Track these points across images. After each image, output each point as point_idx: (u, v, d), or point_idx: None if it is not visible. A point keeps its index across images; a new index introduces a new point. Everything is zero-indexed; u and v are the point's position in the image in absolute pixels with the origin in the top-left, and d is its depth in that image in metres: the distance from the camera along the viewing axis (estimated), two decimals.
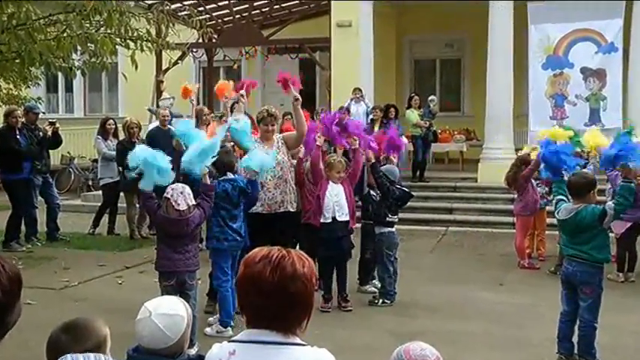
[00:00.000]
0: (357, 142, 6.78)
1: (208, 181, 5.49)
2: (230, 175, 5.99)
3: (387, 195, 6.80)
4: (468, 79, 16.95)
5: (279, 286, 1.88)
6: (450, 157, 15.50)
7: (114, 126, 10.83)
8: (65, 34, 7.36)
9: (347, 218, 6.63)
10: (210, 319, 6.12)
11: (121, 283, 7.68)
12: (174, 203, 5.14)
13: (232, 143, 6.31)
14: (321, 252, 6.70)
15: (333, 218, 6.57)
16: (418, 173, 13.12)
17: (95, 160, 13.34)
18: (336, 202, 6.57)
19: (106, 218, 10.73)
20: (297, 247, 7.88)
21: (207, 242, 5.97)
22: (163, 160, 5.08)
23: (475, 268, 8.48)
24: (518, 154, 8.98)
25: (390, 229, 6.89)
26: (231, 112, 10.77)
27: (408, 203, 7.31)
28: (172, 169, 5.24)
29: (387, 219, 6.85)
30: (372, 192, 7.11)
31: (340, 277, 6.76)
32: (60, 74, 11.47)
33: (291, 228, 6.77)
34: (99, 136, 10.72)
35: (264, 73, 16.88)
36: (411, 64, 17.65)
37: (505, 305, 6.84)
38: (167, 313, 2.37)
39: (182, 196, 5.16)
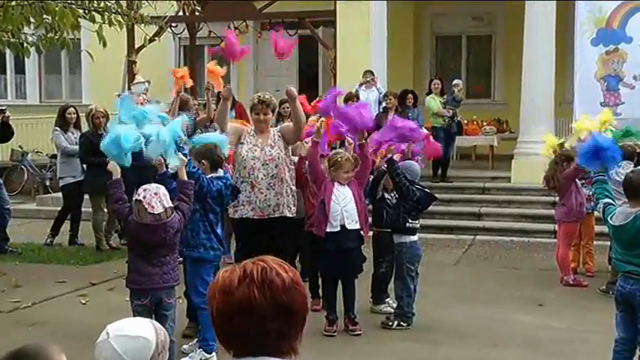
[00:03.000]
0: (364, 136, 6.79)
1: (186, 177, 5.46)
2: (221, 172, 6.03)
3: (405, 197, 6.77)
4: (501, 59, 16.92)
5: (274, 304, 1.87)
6: (478, 152, 15.44)
7: (75, 115, 10.79)
8: (14, 3, 7.31)
9: (358, 226, 6.61)
10: (185, 346, 6.11)
11: (85, 303, 7.66)
12: (147, 206, 5.12)
13: None
14: (325, 266, 6.68)
15: (342, 226, 6.54)
16: (440, 172, 13.08)
17: (53, 156, 13.31)
18: (345, 207, 6.55)
19: (67, 225, 10.71)
20: (298, 258, 7.90)
21: (189, 251, 5.95)
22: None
23: (509, 285, 8.45)
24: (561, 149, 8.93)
25: (412, 237, 6.88)
26: (217, 101, 10.82)
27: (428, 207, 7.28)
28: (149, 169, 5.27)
29: (408, 225, 6.82)
30: (386, 195, 7.08)
31: (347, 295, 6.74)
32: (8, 52, 11.42)
33: (288, 236, 6.75)
34: (57, 128, 10.69)
35: (257, 52, 16.85)
36: (432, 42, 17.61)
37: (546, 330, 6.80)
38: (128, 335, 2.34)
39: (157, 198, 5.14)
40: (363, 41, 13.55)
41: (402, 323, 6.82)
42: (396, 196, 6.88)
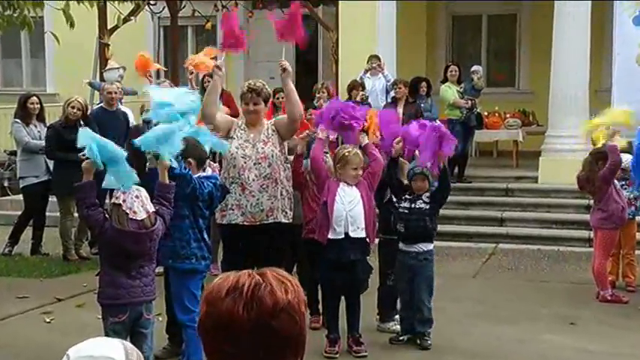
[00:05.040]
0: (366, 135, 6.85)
1: (167, 179, 5.44)
2: (209, 171, 6.05)
3: (443, 201, 6.94)
4: (526, 42, 16.92)
5: (257, 325, 1.86)
6: (501, 148, 15.47)
7: (39, 105, 10.75)
8: None
9: (363, 234, 6.60)
10: None
11: (49, 322, 7.63)
12: (128, 211, 5.11)
13: None
14: (326, 278, 6.67)
15: (346, 234, 6.54)
16: (457, 170, 13.07)
17: (13, 153, 13.28)
18: (350, 211, 6.53)
19: (28, 232, 10.69)
20: (295, 269, 7.90)
21: (179, 263, 5.95)
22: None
23: (536, 301, 8.44)
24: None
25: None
26: (203, 88, 10.81)
27: (442, 211, 7.29)
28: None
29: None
30: (394, 197, 7.07)
31: (351, 312, 6.74)
32: None
33: (283, 245, 6.74)
34: (18, 120, 10.65)
35: (248, 35, 16.82)
36: (447, 23, 17.62)
37: (579, 353, 6.80)
38: (91, 356, 2.32)
39: (138, 202, 5.14)
40: (369, 22, 13.56)
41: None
42: (426, 200, 6.87)
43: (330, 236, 6.53)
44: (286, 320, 1.88)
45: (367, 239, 6.69)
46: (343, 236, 6.54)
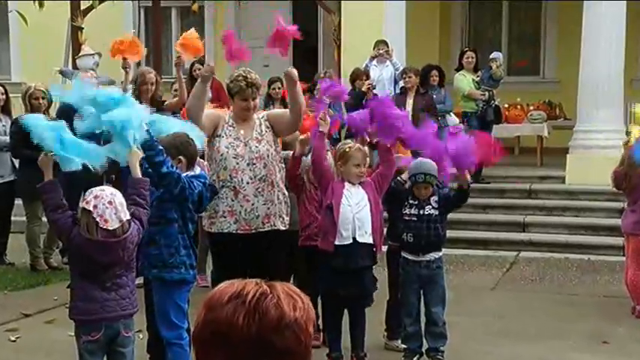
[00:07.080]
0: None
1: (139, 173, 5.42)
2: (198, 170, 6.06)
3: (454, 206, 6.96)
4: (552, 25, 16.95)
5: (258, 339, 1.87)
6: (523, 145, 15.50)
7: (4, 96, 10.77)
8: None
9: (371, 240, 6.61)
10: None
11: (14, 340, 7.63)
12: (99, 219, 5.04)
13: None
14: (329, 289, 6.67)
15: (354, 239, 6.54)
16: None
17: None
18: (357, 214, 6.54)
19: None
20: (292, 280, 7.92)
21: (166, 272, 5.94)
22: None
23: (563, 317, 8.45)
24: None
25: None
26: (192, 77, 10.82)
27: (458, 215, 7.30)
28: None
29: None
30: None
31: (355, 328, 6.75)
32: None
33: (280, 254, 6.74)
34: None
35: (239, 18, 16.86)
36: (464, 5, 17.64)
37: None
38: None
39: (111, 208, 5.05)
40: (375, 3, 13.55)
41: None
42: (434, 205, 6.86)
43: (336, 242, 6.52)
44: (290, 338, 1.89)
45: (374, 248, 6.70)
46: (351, 241, 6.52)
